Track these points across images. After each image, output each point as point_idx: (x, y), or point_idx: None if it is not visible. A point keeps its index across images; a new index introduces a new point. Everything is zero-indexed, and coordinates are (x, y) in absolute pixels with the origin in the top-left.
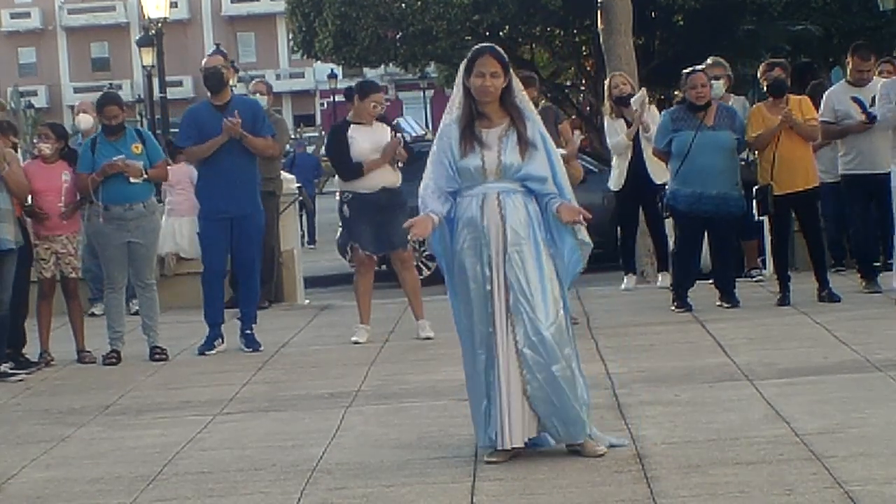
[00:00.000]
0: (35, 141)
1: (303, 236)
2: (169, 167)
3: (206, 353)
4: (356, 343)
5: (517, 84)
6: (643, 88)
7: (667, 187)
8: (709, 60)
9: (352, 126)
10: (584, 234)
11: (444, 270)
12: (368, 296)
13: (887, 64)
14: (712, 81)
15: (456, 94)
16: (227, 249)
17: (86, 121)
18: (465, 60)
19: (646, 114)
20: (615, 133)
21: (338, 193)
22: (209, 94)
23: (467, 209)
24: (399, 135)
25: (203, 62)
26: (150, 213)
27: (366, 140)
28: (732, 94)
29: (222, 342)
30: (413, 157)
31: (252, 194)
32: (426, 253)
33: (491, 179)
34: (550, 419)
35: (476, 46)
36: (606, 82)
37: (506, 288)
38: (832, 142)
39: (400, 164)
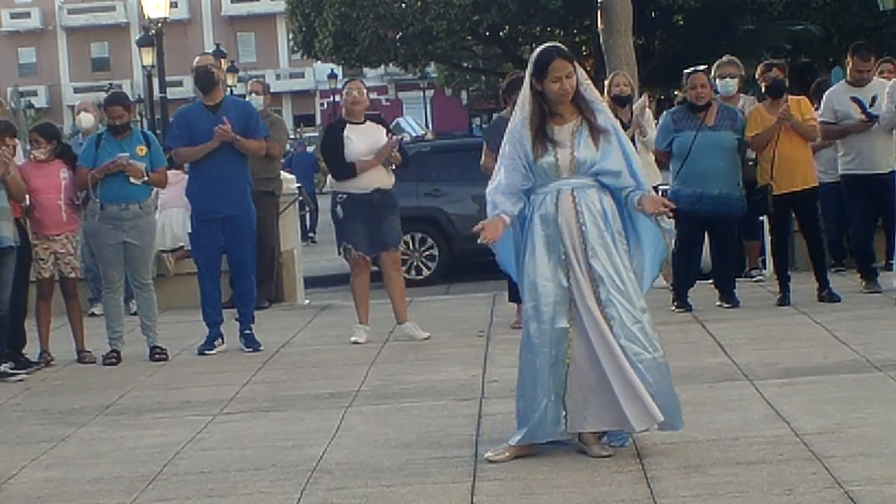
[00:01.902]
0: (28, 148)
1: (305, 233)
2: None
3: (206, 352)
4: (356, 343)
5: (583, 75)
6: (644, 95)
7: (667, 187)
8: (724, 59)
9: (347, 126)
10: (666, 222)
11: (512, 272)
12: (366, 296)
13: (887, 64)
14: (726, 80)
15: (524, 96)
16: (221, 249)
17: (87, 119)
18: (531, 64)
19: (643, 119)
20: None
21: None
22: (201, 94)
23: (541, 206)
24: (397, 137)
25: (194, 62)
26: (146, 213)
27: (361, 140)
28: (742, 94)
29: (222, 342)
30: (407, 160)
31: (243, 194)
32: (426, 253)
33: (565, 176)
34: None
35: (541, 49)
36: (607, 80)
37: (592, 281)
38: (831, 142)
39: (393, 167)
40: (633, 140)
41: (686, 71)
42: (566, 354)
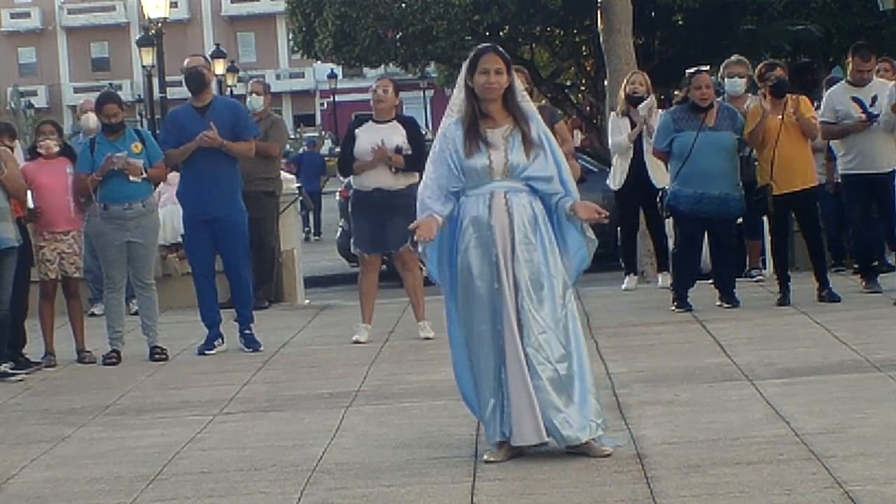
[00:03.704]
0: (40, 139)
1: (309, 231)
2: None
3: (206, 353)
4: (357, 343)
5: (519, 84)
6: (651, 95)
7: (667, 187)
8: (732, 58)
9: (367, 123)
10: (590, 232)
11: (433, 273)
12: (372, 295)
13: (885, 63)
14: (734, 79)
15: (457, 95)
16: (214, 250)
17: (94, 119)
18: (467, 60)
19: (651, 119)
20: (618, 132)
21: (337, 192)
22: (190, 95)
23: (473, 208)
24: (402, 141)
25: (185, 63)
26: (149, 212)
27: (368, 140)
28: (749, 95)
29: (222, 342)
30: (418, 162)
31: (233, 195)
32: None
33: (497, 179)
34: (552, 420)
35: (478, 46)
36: (625, 78)
37: (514, 286)
38: (825, 144)
39: (394, 170)
40: (640, 139)
41: (689, 71)
42: (502, 356)
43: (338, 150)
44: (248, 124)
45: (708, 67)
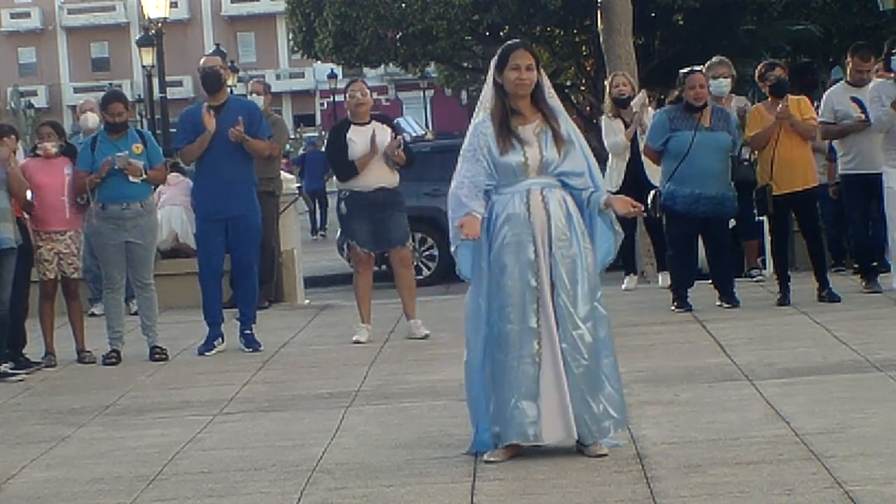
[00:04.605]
0: (38, 142)
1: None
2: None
3: (206, 353)
4: (357, 343)
5: (547, 81)
6: (643, 90)
7: (660, 187)
8: (714, 59)
9: (352, 127)
10: (618, 226)
11: (465, 271)
12: (368, 295)
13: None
14: (719, 80)
15: (486, 92)
16: (224, 249)
17: (92, 119)
18: (495, 57)
19: (644, 116)
20: (613, 133)
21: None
22: (206, 94)
23: (508, 205)
24: (399, 137)
25: (201, 62)
26: (147, 212)
27: (364, 142)
28: (734, 95)
29: (222, 342)
30: (412, 159)
31: (248, 194)
32: (426, 253)
33: (532, 176)
34: (582, 415)
35: (507, 43)
36: (608, 81)
37: (551, 283)
38: (826, 143)
39: (397, 167)
40: (636, 139)
41: (682, 71)
42: (537, 354)
43: None
44: (262, 124)
45: (701, 67)
